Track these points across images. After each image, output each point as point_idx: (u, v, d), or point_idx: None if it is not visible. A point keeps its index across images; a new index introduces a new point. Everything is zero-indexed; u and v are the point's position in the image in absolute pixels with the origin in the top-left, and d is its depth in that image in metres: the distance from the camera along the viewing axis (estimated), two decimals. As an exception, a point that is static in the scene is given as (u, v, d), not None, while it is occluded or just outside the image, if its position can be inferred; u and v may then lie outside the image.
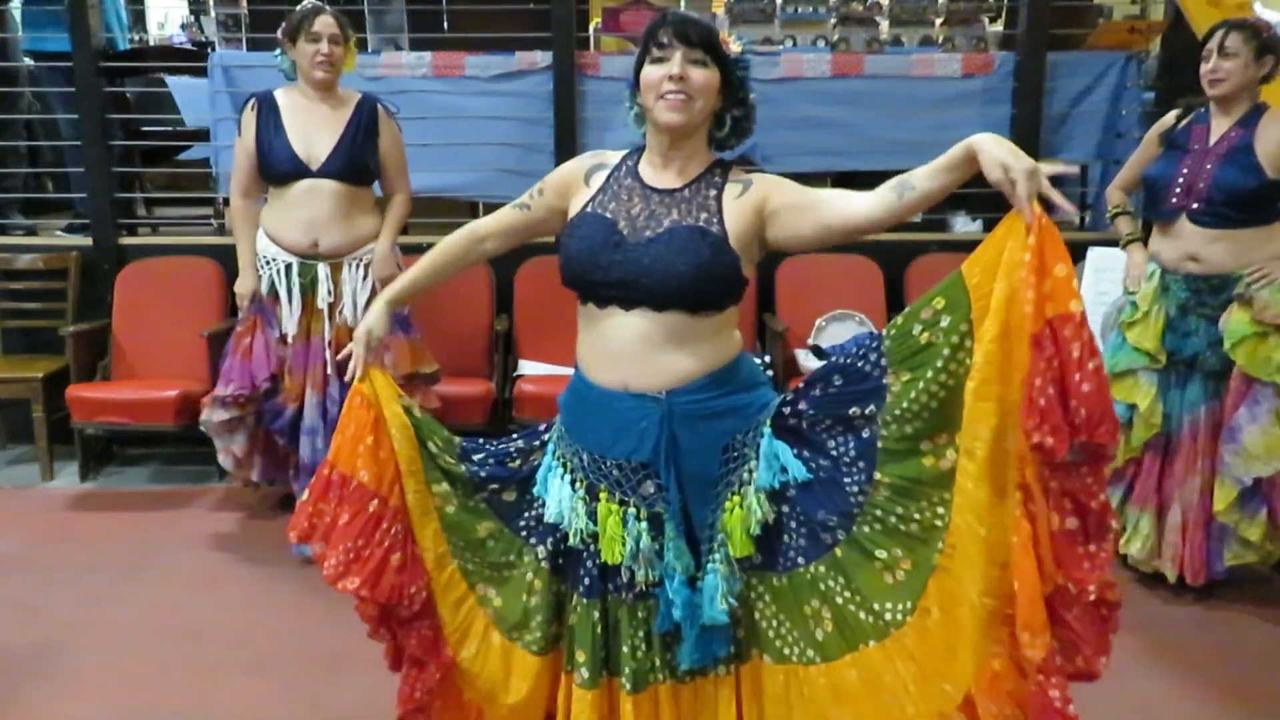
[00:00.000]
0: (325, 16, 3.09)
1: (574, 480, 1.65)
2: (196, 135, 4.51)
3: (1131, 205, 3.25)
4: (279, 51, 3.18)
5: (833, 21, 4.52)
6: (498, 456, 1.75)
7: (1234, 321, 2.80)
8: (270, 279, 3.16)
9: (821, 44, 4.49)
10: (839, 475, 1.58)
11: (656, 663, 1.63)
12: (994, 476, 1.43)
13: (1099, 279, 3.70)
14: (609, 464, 1.61)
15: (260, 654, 2.70)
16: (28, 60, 4.60)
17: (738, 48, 1.60)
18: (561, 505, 1.64)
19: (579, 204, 1.67)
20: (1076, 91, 4.30)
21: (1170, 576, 2.99)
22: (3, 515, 3.69)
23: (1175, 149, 2.96)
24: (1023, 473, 1.42)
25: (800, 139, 4.24)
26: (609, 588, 1.64)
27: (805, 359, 3.92)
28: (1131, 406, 2.96)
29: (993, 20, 4.87)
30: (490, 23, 4.31)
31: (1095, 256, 3.77)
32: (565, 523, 1.64)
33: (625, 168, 1.68)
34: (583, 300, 1.64)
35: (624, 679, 1.61)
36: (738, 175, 1.66)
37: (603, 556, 1.60)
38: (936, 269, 4.16)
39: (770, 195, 1.61)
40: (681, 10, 1.70)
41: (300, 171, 3.11)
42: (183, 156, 4.81)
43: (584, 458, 1.64)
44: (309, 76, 3.13)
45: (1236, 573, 2.99)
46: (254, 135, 3.15)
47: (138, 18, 6.16)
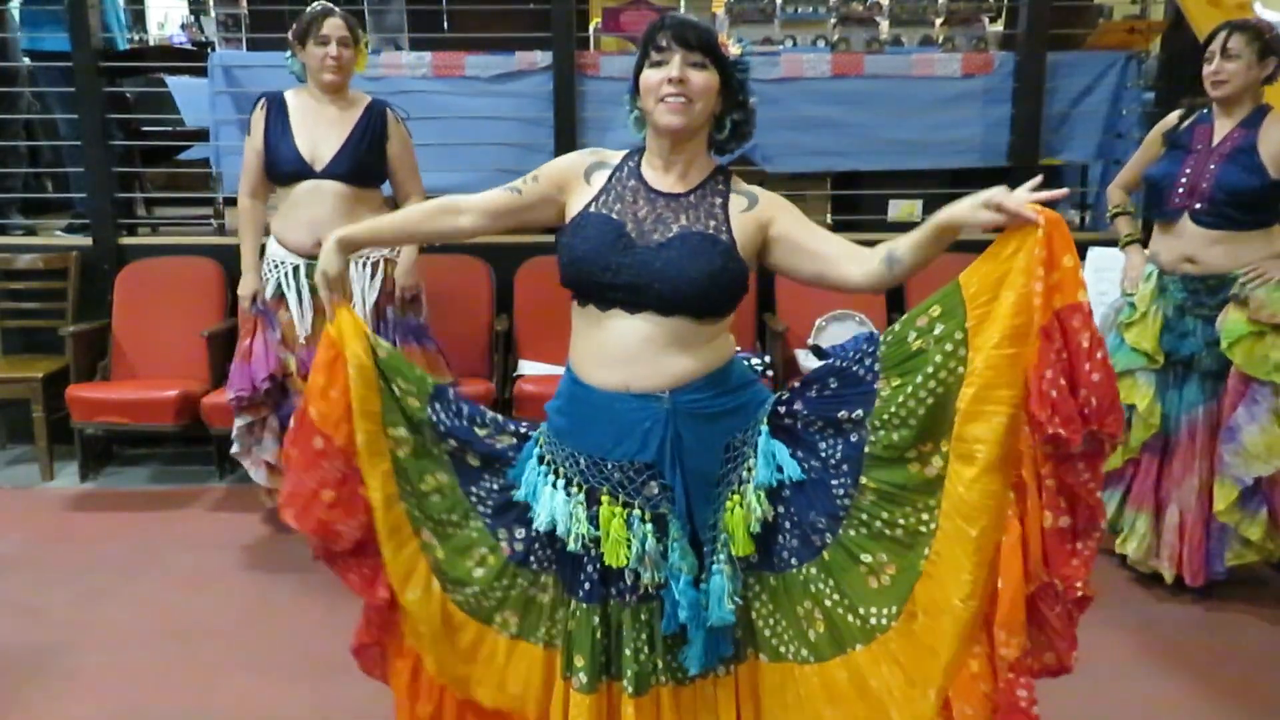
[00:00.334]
0: (334, 19, 3.08)
1: (568, 485, 1.63)
2: (196, 135, 4.51)
3: (1132, 205, 3.25)
4: (289, 54, 3.18)
5: (833, 21, 4.52)
6: (471, 417, 1.72)
7: (1230, 321, 2.81)
8: (278, 282, 3.16)
9: (821, 44, 4.49)
10: (828, 477, 1.60)
11: (659, 665, 1.63)
12: (995, 478, 1.43)
13: (1099, 279, 3.70)
14: (610, 466, 1.60)
15: (260, 654, 2.70)
16: (26, 60, 4.60)
17: (737, 50, 1.60)
18: (555, 513, 1.62)
19: (580, 202, 1.66)
20: (1076, 91, 4.31)
21: (1168, 577, 2.99)
22: (3, 515, 3.69)
23: (1178, 149, 2.97)
24: (1019, 472, 1.43)
25: (800, 139, 4.24)
26: (611, 592, 1.63)
27: (805, 359, 3.92)
28: (1130, 407, 2.97)
29: (993, 20, 4.87)
30: (490, 23, 4.31)
31: (1095, 256, 3.77)
32: (561, 529, 1.61)
33: (627, 169, 1.67)
34: (581, 302, 1.63)
35: (626, 682, 1.61)
36: (740, 185, 1.67)
37: (606, 560, 1.59)
38: (936, 269, 4.15)
39: (776, 220, 1.64)
40: (680, 13, 1.69)
41: (304, 172, 3.11)
42: (183, 156, 4.81)
43: (582, 462, 1.63)
44: (318, 79, 3.12)
45: (1235, 572, 2.99)
46: (263, 135, 3.15)
47: (138, 18, 6.16)
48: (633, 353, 1.58)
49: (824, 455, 1.60)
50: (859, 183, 4.46)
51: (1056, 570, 1.43)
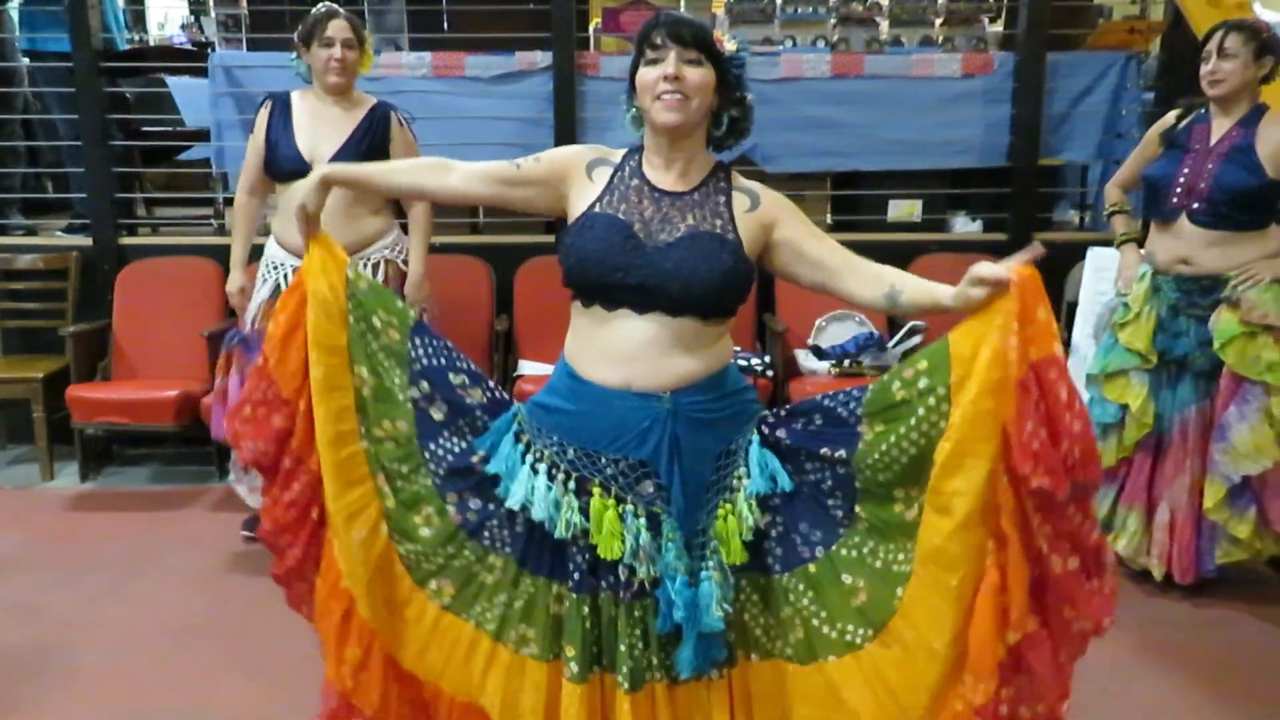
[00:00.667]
0: (339, 21, 3.07)
1: (552, 471, 1.62)
2: (196, 135, 4.51)
3: (1129, 204, 3.25)
4: (294, 55, 3.18)
5: (833, 21, 4.53)
6: (449, 360, 1.69)
7: (1223, 322, 2.83)
8: (276, 284, 3.15)
9: (821, 44, 4.50)
10: (821, 496, 1.62)
11: (654, 661, 1.62)
12: (975, 530, 1.45)
13: (1098, 279, 3.70)
14: (604, 461, 1.60)
15: (260, 654, 2.70)
16: (25, 60, 4.60)
17: (732, 45, 1.60)
18: (532, 496, 1.60)
19: (583, 199, 1.66)
20: (1076, 91, 4.31)
21: (1157, 574, 3.01)
22: (3, 515, 3.69)
23: (1176, 149, 2.97)
24: (999, 523, 1.44)
25: (800, 139, 4.24)
26: (601, 584, 1.62)
27: (805, 359, 3.92)
28: (1123, 406, 2.99)
29: (993, 20, 4.87)
30: (490, 23, 4.31)
31: (1094, 256, 3.78)
32: (540, 513, 1.59)
33: (629, 168, 1.67)
34: (586, 302, 1.62)
35: (621, 678, 1.60)
36: (740, 182, 1.67)
37: (600, 552, 1.58)
38: (937, 269, 4.15)
39: (780, 223, 1.65)
40: (675, 11, 1.69)
41: (303, 171, 3.09)
42: (183, 156, 4.80)
43: (570, 452, 1.61)
44: (323, 81, 3.11)
45: (1230, 570, 3.01)
46: (265, 133, 3.15)
47: (138, 18, 6.16)
48: (637, 352, 1.58)
49: (813, 477, 1.62)
50: (859, 183, 4.46)
51: (1082, 611, 1.45)
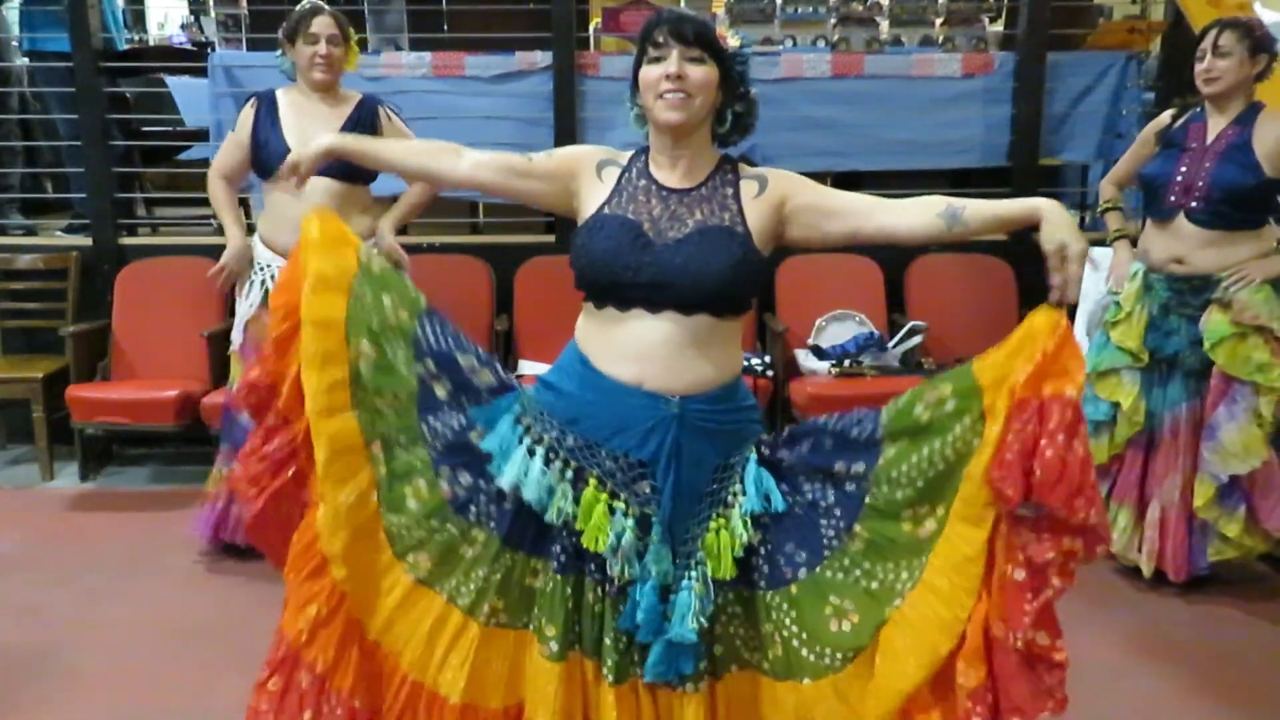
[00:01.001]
0: (323, 17, 3.06)
1: (549, 454, 1.60)
2: (196, 135, 4.50)
3: (1123, 201, 3.26)
4: (280, 52, 3.17)
5: (833, 21, 4.52)
6: (457, 343, 1.68)
7: (1213, 323, 2.84)
8: (264, 284, 3.14)
9: (821, 44, 4.49)
10: (815, 517, 1.61)
11: (636, 657, 1.61)
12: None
13: (1097, 278, 3.70)
14: (603, 454, 1.59)
15: (260, 654, 2.68)
16: (24, 60, 4.59)
17: (735, 42, 1.60)
18: (524, 478, 1.58)
19: (592, 199, 1.66)
20: (1076, 91, 4.31)
21: (1146, 571, 3.03)
22: (3, 515, 3.69)
23: (1172, 148, 2.98)
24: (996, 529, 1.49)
25: (800, 139, 4.23)
26: (588, 568, 1.60)
27: (805, 359, 3.92)
28: (1115, 404, 3.00)
29: (993, 20, 4.88)
30: (490, 23, 4.31)
31: (1092, 255, 3.77)
32: (531, 496, 1.58)
33: (636, 168, 1.67)
34: (599, 304, 1.61)
35: (606, 671, 1.60)
36: (747, 170, 1.67)
37: (585, 543, 1.57)
38: (937, 269, 4.16)
39: (790, 195, 1.64)
40: (677, 9, 1.70)
41: None
42: (183, 156, 4.79)
43: (570, 440, 1.61)
44: (308, 77, 3.11)
45: (1223, 567, 3.02)
46: (249, 131, 3.14)
47: (137, 18, 6.16)
48: (651, 351, 1.57)
49: (810, 497, 1.61)
50: (859, 183, 4.45)
51: (1007, 619, 1.45)
